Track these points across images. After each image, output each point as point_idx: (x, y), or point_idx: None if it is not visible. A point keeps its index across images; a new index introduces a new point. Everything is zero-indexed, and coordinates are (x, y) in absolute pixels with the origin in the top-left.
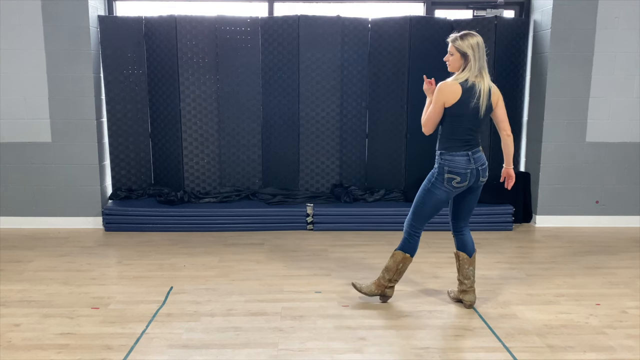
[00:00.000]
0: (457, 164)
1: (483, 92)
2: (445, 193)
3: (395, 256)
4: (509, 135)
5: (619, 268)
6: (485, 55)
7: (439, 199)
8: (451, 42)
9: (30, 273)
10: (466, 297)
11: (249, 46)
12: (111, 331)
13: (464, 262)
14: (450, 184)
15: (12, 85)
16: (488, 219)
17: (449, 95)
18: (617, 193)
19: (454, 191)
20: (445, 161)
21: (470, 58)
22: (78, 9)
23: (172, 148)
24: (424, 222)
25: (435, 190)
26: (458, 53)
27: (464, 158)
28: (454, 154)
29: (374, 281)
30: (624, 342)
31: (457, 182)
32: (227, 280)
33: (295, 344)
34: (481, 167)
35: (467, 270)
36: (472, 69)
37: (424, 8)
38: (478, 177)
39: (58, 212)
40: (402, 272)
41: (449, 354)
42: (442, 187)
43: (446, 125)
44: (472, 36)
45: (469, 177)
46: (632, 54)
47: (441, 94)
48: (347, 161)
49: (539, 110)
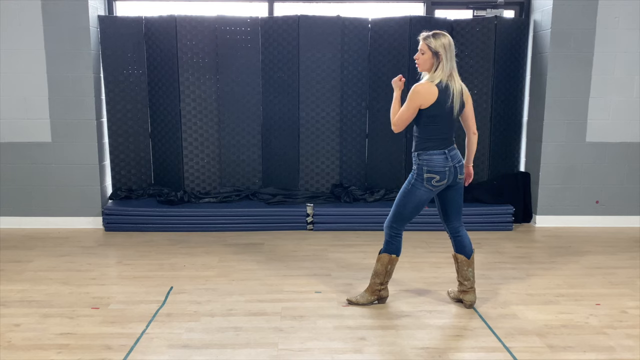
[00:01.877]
0: (435, 162)
1: (456, 92)
2: (426, 193)
3: (382, 259)
4: (475, 133)
5: (619, 268)
6: (455, 56)
7: (420, 199)
8: (423, 39)
9: (30, 273)
10: (466, 297)
11: (249, 46)
12: (111, 331)
13: (462, 264)
14: (430, 183)
15: (12, 85)
16: (488, 219)
17: (426, 97)
18: (617, 193)
19: (434, 190)
20: (424, 161)
21: (442, 58)
22: (78, 9)
23: (172, 148)
24: (404, 224)
25: (416, 191)
26: (430, 52)
27: (442, 156)
28: (432, 152)
29: (367, 289)
30: (624, 342)
31: (436, 180)
32: (227, 280)
33: (295, 344)
34: (458, 165)
35: (467, 271)
36: (444, 70)
37: (424, 8)
38: (456, 175)
39: (58, 212)
40: (391, 273)
41: (449, 354)
42: (423, 187)
43: (423, 126)
44: (443, 36)
45: (447, 175)
46: (632, 54)
47: (418, 96)
48: (347, 161)
49: (539, 110)
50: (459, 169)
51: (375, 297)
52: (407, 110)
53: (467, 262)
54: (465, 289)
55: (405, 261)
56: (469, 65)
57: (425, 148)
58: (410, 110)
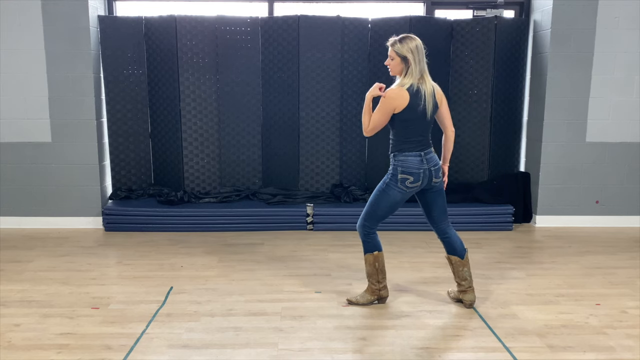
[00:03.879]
0: (410, 164)
1: (427, 94)
2: (400, 194)
3: (367, 260)
4: (453, 131)
5: (619, 268)
6: (425, 58)
7: (393, 200)
8: (390, 46)
9: (30, 273)
10: (466, 297)
11: (249, 46)
12: (111, 331)
13: (457, 265)
14: (404, 184)
15: (12, 85)
16: (488, 219)
17: (398, 101)
18: (617, 193)
19: (408, 192)
20: (399, 162)
21: (410, 62)
22: (78, 9)
23: (172, 148)
24: (376, 223)
25: (390, 191)
26: (398, 57)
27: (417, 159)
28: (407, 154)
29: (366, 289)
30: (624, 342)
31: (410, 182)
32: (227, 280)
33: (295, 344)
34: (434, 168)
35: (462, 271)
36: (414, 73)
37: (424, 8)
38: (431, 178)
39: (58, 212)
40: (382, 269)
41: (449, 354)
42: (396, 188)
43: (398, 130)
44: (411, 40)
45: (421, 178)
46: (632, 54)
47: (391, 101)
48: (347, 161)
49: (539, 110)
50: (434, 172)
51: (375, 297)
52: (380, 116)
53: (461, 263)
54: (463, 288)
55: (405, 261)
56: (469, 65)
57: (400, 150)
58: (384, 116)
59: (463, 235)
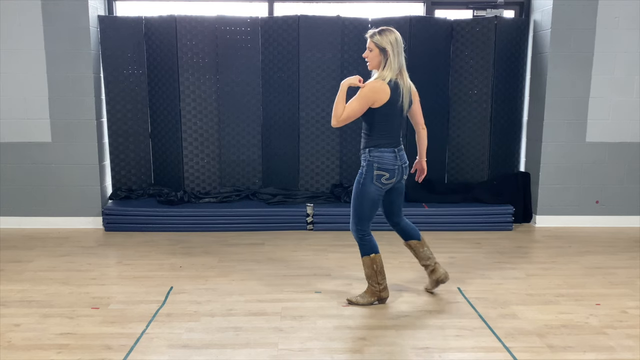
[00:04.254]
0: (386, 160)
1: (405, 90)
2: (377, 190)
3: (365, 263)
4: (424, 128)
5: (619, 268)
6: (404, 53)
7: (373, 197)
8: (369, 37)
9: (30, 273)
10: (436, 275)
11: (249, 46)
12: (111, 331)
13: (417, 247)
14: (380, 181)
15: (12, 85)
16: (488, 219)
17: (380, 95)
18: (617, 193)
19: (384, 188)
20: (375, 158)
21: (389, 54)
22: (78, 9)
23: (172, 148)
24: (367, 224)
25: (367, 189)
26: (377, 49)
27: (392, 155)
28: (383, 150)
29: (366, 290)
30: (624, 342)
31: (385, 178)
32: (227, 280)
33: (295, 344)
34: (405, 165)
35: (424, 252)
36: (393, 67)
37: (424, 8)
38: (402, 175)
39: (58, 212)
40: (381, 271)
41: (449, 354)
42: (372, 185)
43: (375, 125)
44: (390, 32)
45: (396, 174)
46: (632, 54)
47: (372, 94)
48: (347, 161)
49: (539, 110)
50: (405, 169)
51: (375, 298)
52: (358, 107)
53: (420, 244)
54: (431, 267)
55: (405, 261)
56: (469, 65)
57: (377, 145)
58: (361, 107)
59: (463, 235)
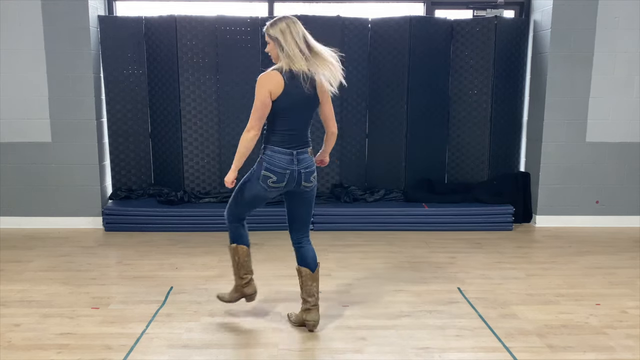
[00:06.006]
0: (277, 161)
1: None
2: (262, 191)
3: (230, 250)
4: (334, 133)
5: (619, 268)
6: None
7: (254, 195)
8: (265, 30)
9: (30, 273)
10: (309, 316)
11: (249, 46)
12: (111, 331)
13: (306, 278)
14: (266, 183)
15: (12, 85)
16: (488, 219)
17: (270, 85)
18: (617, 193)
19: (269, 190)
20: (266, 156)
21: (281, 42)
22: (78, 9)
23: (172, 148)
24: (239, 213)
25: (251, 184)
26: (272, 40)
27: (287, 157)
28: (277, 150)
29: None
30: (624, 342)
31: (272, 181)
32: (227, 280)
33: (295, 344)
34: (305, 171)
35: (311, 287)
36: (290, 55)
37: (424, 8)
38: (300, 182)
39: (58, 212)
40: (244, 264)
41: (449, 354)
42: (258, 183)
43: (273, 120)
44: (281, 20)
45: (287, 179)
46: (632, 54)
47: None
48: (347, 161)
49: (539, 110)
50: (304, 175)
51: (239, 294)
52: (258, 102)
53: (311, 276)
54: (308, 306)
55: (405, 261)
56: (469, 65)
57: (271, 142)
58: (262, 101)
59: (463, 235)
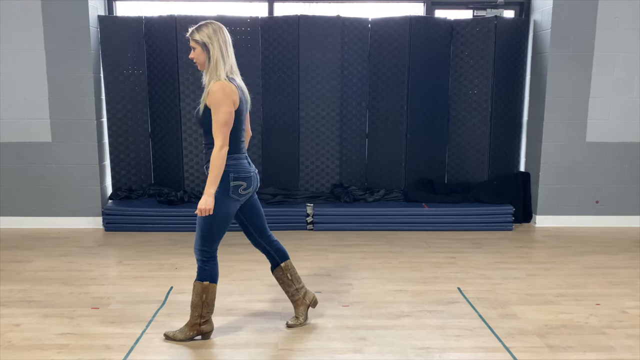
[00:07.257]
0: (242, 167)
1: (244, 89)
2: (233, 203)
3: (195, 288)
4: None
5: (619, 268)
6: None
7: (227, 213)
8: (189, 36)
9: (30, 273)
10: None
11: (249, 46)
12: (111, 331)
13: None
14: (237, 193)
15: (12, 85)
16: (488, 219)
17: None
18: (617, 193)
19: (241, 200)
20: (231, 166)
21: (210, 48)
22: (78, 9)
23: (172, 148)
24: (215, 244)
25: (221, 204)
26: (198, 46)
27: (245, 162)
28: (237, 156)
29: (187, 323)
30: (624, 342)
31: (243, 188)
32: (227, 280)
33: (295, 344)
34: (255, 171)
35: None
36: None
37: (424, 8)
38: (258, 183)
39: (58, 212)
40: (210, 303)
41: (449, 354)
42: (228, 198)
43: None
44: (206, 26)
45: (253, 181)
46: (632, 54)
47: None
48: (347, 161)
49: (539, 110)
50: (257, 177)
51: (194, 332)
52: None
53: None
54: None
55: (405, 261)
56: (469, 65)
57: (231, 152)
58: (230, 115)
59: (463, 235)
